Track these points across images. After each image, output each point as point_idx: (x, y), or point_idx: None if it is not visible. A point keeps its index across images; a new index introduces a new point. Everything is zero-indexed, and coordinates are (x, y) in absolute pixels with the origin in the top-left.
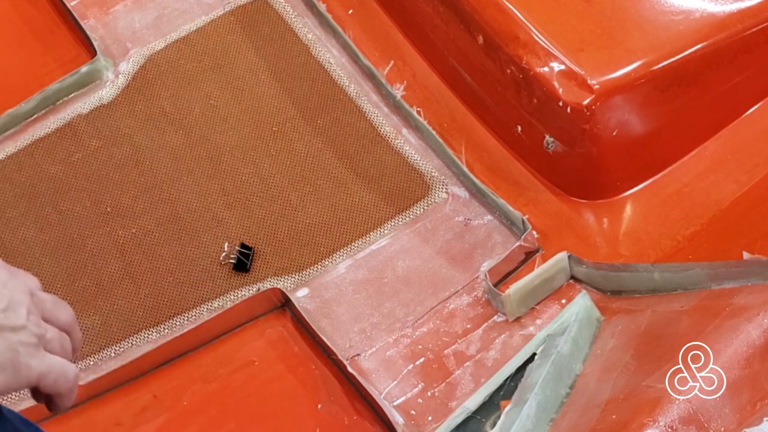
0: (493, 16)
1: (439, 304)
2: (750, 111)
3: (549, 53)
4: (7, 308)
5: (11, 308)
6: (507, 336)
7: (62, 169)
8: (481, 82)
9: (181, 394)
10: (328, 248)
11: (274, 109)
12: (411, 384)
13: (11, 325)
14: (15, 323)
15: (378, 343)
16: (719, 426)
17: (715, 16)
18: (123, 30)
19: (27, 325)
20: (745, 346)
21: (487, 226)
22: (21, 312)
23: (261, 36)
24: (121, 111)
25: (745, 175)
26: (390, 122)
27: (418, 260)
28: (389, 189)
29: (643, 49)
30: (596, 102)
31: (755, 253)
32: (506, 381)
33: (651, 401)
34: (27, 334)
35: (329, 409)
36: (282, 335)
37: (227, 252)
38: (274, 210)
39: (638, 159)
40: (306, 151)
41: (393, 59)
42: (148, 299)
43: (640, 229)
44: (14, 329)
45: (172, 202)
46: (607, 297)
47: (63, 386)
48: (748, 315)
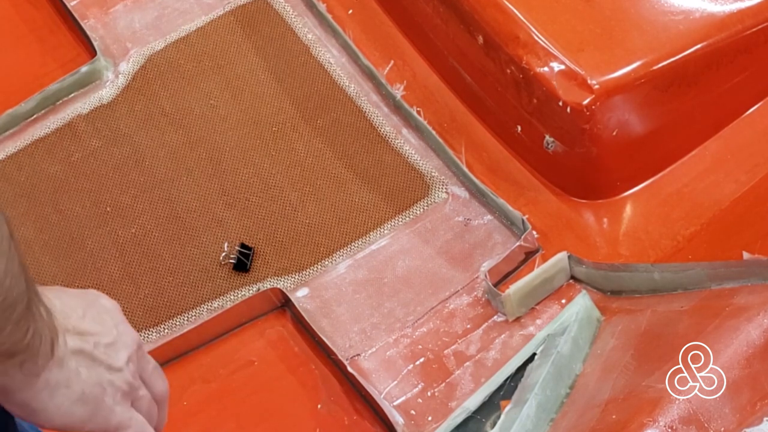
0: (493, 16)
1: (439, 304)
2: (750, 111)
3: (549, 53)
4: (111, 346)
5: (114, 348)
6: (507, 336)
7: (62, 169)
8: (481, 82)
9: (181, 394)
10: (328, 248)
11: (274, 109)
12: (411, 384)
13: (108, 363)
14: (113, 363)
15: (378, 343)
16: (719, 426)
17: (715, 16)
18: (123, 30)
19: (124, 370)
20: (745, 346)
21: (487, 226)
22: (122, 355)
23: (261, 36)
24: (121, 111)
25: (745, 175)
26: (390, 122)
27: (418, 260)
28: (389, 189)
29: (643, 49)
30: (596, 102)
31: (755, 253)
32: (506, 381)
33: (651, 401)
34: (121, 379)
35: (329, 409)
36: (282, 335)
37: (227, 252)
38: (274, 210)
39: (638, 159)
40: (306, 151)
41: (393, 59)
42: (148, 299)
43: (640, 229)
44: (110, 368)
45: (172, 202)
46: (607, 297)
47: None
48: (748, 315)
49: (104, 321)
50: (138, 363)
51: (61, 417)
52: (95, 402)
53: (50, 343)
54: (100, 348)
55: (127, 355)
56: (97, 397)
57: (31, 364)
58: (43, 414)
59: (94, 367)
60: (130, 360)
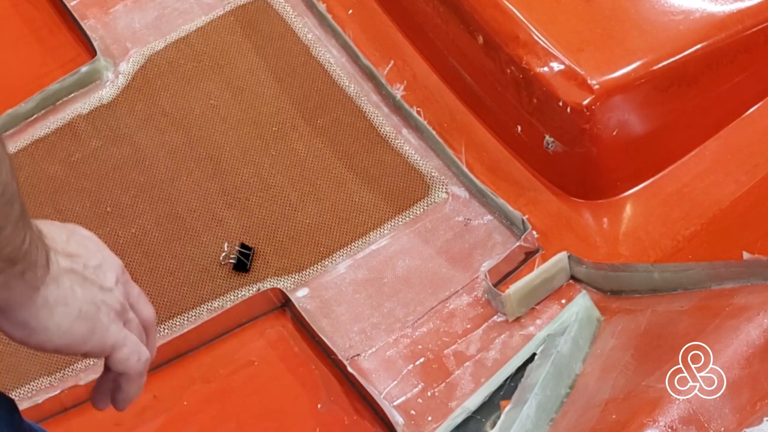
0: (493, 16)
1: (439, 304)
2: (750, 111)
3: (549, 53)
4: (98, 267)
5: (102, 270)
6: (507, 336)
7: (62, 169)
8: (481, 82)
9: (181, 394)
10: (328, 248)
11: (274, 109)
12: (411, 384)
13: (100, 283)
14: (104, 283)
15: (378, 343)
16: (719, 426)
17: (715, 16)
18: (123, 30)
19: (114, 291)
20: (745, 346)
21: (487, 226)
22: (111, 276)
23: (261, 36)
24: (121, 111)
25: (745, 175)
26: (390, 122)
27: (418, 260)
28: (389, 189)
29: (643, 49)
30: (596, 102)
31: (755, 253)
32: (506, 381)
33: (651, 401)
34: (112, 298)
35: (329, 409)
36: (282, 335)
37: (227, 252)
38: (274, 210)
39: (638, 159)
40: (306, 151)
41: (393, 59)
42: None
43: (640, 229)
44: (102, 288)
45: (172, 202)
46: (607, 297)
47: (134, 366)
48: (748, 315)
49: (88, 246)
50: (125, 287)
51: (61, 336)
52: (92, 320)
53: (45, 256)
54: (90, 269)
55: (115, 277)
56: (93, 316)
57: (32, 275)
58: (44, 333)
59: (87, 286)
60: (118, 281)
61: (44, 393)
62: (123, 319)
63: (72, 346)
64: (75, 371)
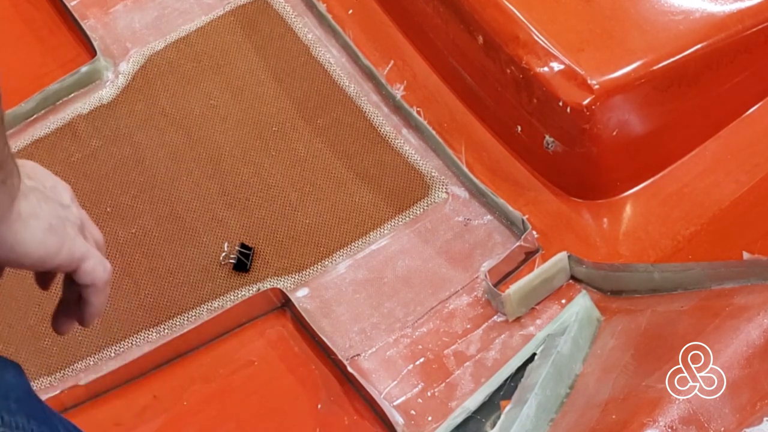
0: (493, 16)
1: (439, 304)
2: (750, 111)
3: (549, 53)
4: (54, 188)
5: (57, 190)
6: (507, 336)
7: (62, 169)
8: (481, 82)
9: (181, 394)
10: (328, 248)
11: (274, 109)
12: (411, 384)
13: (59, 200)
14: (62, 200)
15: (378, 343)
16: (719, 426)
17: (715, 16)
18: (123, 30)
19: (72, 207)
20: (745, 346)
21: (487, 226)
22: (66, 195)
23: (261, 36)
24: (121, 111)
25: (745, 175)
26: (390, 122)
27: (418, 260)
28: (389, 189)
29: (643, 49)
30: (596, 102)
31: (755, 253)
32: (506, 381)
33: (651, 401)
34: (72, 214)
35: (329, 409)
36: (282, 335)
37: (227, 252)
38: (274, 210)
39: (638, 159)
40: (306, 151)
41: (393, 59)
42: (148, 299)
43: (640, 229)
44: (62, 204)
45: (172, 202)
46: (607, 297)
47: (100, 276)
48: (748, 315)
49: (38, 171)
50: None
51: (36, 248)
52: (61, 233)
53: (17, 168)
54: (48, 189)
55: (69, 196)
56: (61, 229)
57: (10, 183)
58: (20, 247)
59: (49, 203)
60: (72, 201)
61: (44, 393)
62: (83, 235)
63: (46, 258)
64: (75, 371)
